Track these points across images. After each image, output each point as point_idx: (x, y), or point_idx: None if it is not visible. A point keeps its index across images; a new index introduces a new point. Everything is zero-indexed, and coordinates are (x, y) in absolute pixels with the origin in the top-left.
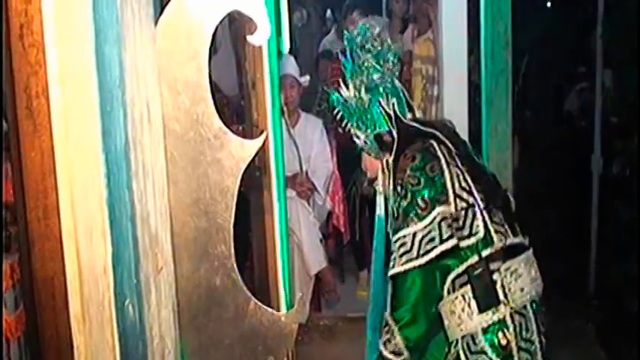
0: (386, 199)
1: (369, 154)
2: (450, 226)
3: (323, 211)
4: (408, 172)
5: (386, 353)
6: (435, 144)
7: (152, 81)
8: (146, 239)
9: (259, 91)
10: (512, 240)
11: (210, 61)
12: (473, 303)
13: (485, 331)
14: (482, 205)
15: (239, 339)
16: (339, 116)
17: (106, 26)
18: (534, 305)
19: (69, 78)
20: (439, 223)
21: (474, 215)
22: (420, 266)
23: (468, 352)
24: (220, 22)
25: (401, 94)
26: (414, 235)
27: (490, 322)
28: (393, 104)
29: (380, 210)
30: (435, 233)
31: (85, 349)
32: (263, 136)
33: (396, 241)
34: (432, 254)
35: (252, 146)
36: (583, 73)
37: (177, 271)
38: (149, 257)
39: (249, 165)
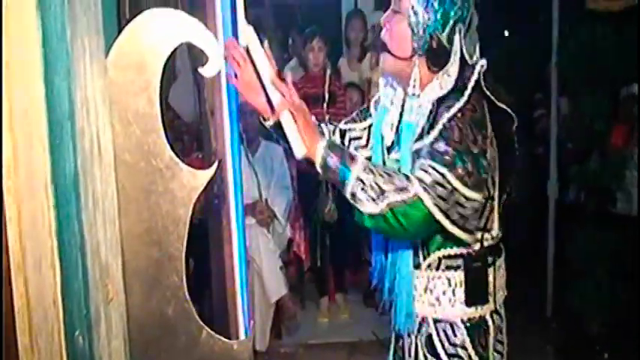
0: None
1: (413, 31)
2: (479, 217)
3: (283, 238)
4: (467, 120)
5: (353, 179)
6: (487, 113)
7: (103, 112)
8: (96, 270)
9: (217, 119)
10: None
11: (170, 87)
12: (459, 291)
13: (465, 324)
14: (497, 200)
15: None
16: None
17: (55, 59)
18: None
19: (17, 111)
20: (474, 211)
21: (492, 209)
22: (444, 227)
23: (446, 341)
24: (172, 52)
25: (469, 27)
26: (452, 191)
27: (471, 317)
28: (462, 30)
29: (411, 116)
30: (469, 215)
31: None
32: (214, 166)
33: (433, 169)
34: (457, 232)
35: (203, 176)
36: (540, 100)
37: (128, 301)
38: (99, 288)
39: (207, 194)
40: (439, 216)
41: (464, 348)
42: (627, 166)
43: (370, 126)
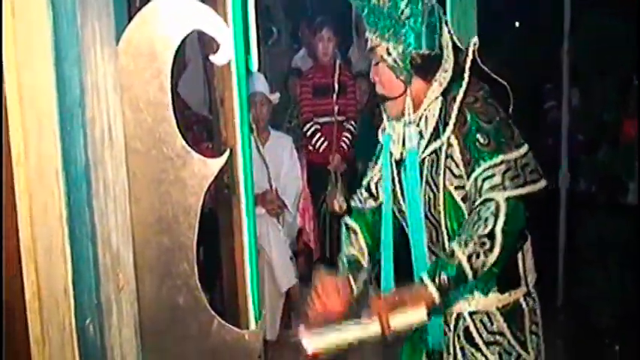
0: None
1: (395, 73)
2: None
3: (293, 228)
4: (481, 100)
5: (466, 265)
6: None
7: (114, 100)
8: (107, 258)
9: (227, 109)
10: None
11: (180, 78)
12: (491, 280)
13: (501, 311)
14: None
15: (202, 357)
16: (365, 14)
17: (66, 46)
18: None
19: (28, 98)
20: (527, 163)
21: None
22: (530, 194)
23: (484, 331)
24: (183, 40)
25: (439, 15)
26: (516, 161)
27: (506, 303)
28: (437, 26)
29: (412, 143)
30: (532, 166)
31: None
32: (226, 154)
33: (490, 168)
34: (537, 186)
35: (214, 164)
36: (550, 90)
37: (139, 290)
38: (110, 276)
39: (218, 183)
40: (525, 190)
41: (502, 334)
42: (638, 156)
43: None
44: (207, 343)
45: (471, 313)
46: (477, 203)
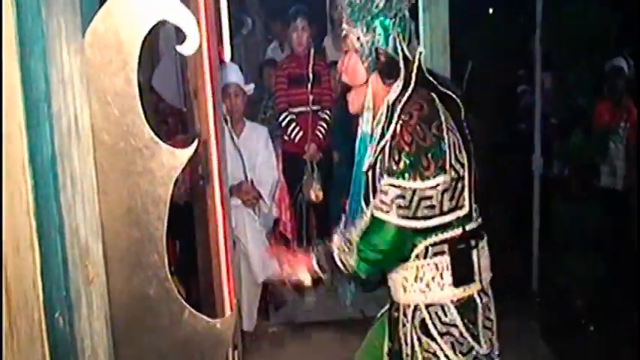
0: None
1: (361, 58)
2: (450, 199)
3: (269, 218)
4: (415, 120)
5: (336, 257)
6: (437, 101)
7: (80, 92)
8: (75, 251)
9: (201, 101)
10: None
11: (153, 71)
12: (447, 274)
13: (455, 305)
14: (467, 179)
15: (174, 347)
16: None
17: (31, 40)
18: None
19: None
20: (442, 193)
21: (462, 188)
22: (415, 229)
23: (438, 322)
24: (150, 31)
25: (408, 27)
26: (414, 192)
27: (460, 297)
28: (400, 33)
29: (366, 127)
30: (436, 202)
31: None
32: (194, 144)
33: (390, 185)
34: (431, 223)
35: (183, 155)
36: (523, 75)
37: (109, 281)
38: (79, 269)
39: (192, 175)
40: (408, 224)
41: (455, 326)
42: (612, 139)
43: None
44: (179, 333)
45: (427, 305)
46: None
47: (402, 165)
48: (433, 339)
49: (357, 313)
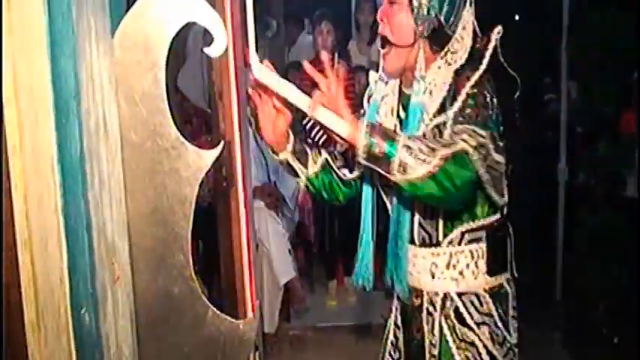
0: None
1: (415, 16)
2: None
3: (292, 221)
4: (487, 90)
5: (400, 148)
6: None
7: (109, 92)
8: (102, 249)
9: (226, 102)
10: None
11: (179, 71)
12: (482, 263)
13: (489, 293)
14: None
15: (197, 347)
16: None
17: (61, 39)
18: None
19: (23, 90)
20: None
21: (505, 175)
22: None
23: (474, 311)
24: (178, 33)
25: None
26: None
27: (492, 285)
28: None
29: (417, 97)
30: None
31: (40, 357)
32: (220, 146)
33: (474, 132)
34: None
35: (209, 156)
36: (549, 84)
37: (134, 280)
38: (105, 266)
39: (216, 176)
40: (484, 176)
41: (490, 315)
42: (638, 149)
43: None
44: (202, 333)
45: (459, 294)
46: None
47: (481, 121)
48: (470, 328)
49: (377, 317)
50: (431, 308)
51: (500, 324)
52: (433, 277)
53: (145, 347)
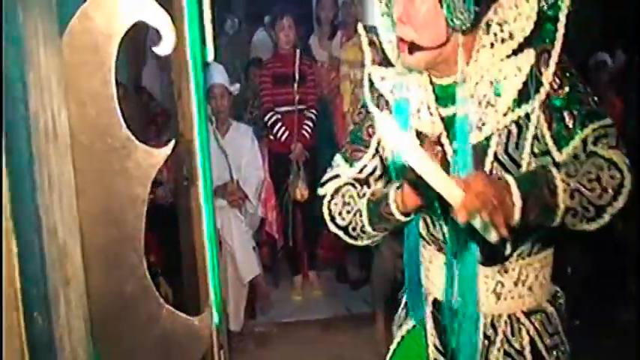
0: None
1: (452, 21)
2: None
3: (255, 218)
4: (573, 69)
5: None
6: None
7: (58, 94)
8: (54, 251)
9: (185, 101)
10: None
11: (142, 70)
12: (547, 271)
13: (553, 304)
14: None
15: (153, 345)
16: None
17: (7, 42)
18: None
19: None
20: None
21: None
22: None
23: (545, 334)
24: (127, 33)
25: None
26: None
27: (555, 291)
28: None
29: (463, 104)
30: None
31: None
32: (171, 144)
33: (606, 127)
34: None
35: (160, 154)
36: None
37: (88, 280)
38: (57, 268)
39: (177, 175)
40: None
41: (559, 334)
42: None
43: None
44: (157, 331)
45: (527, 314)
46: (588, 159)
47: (593, 106)
48: (541, 357)
49: (342, 310)
50: (492, 335)
51: (565, 339)
52: (499, 298)
53: (100, 347)
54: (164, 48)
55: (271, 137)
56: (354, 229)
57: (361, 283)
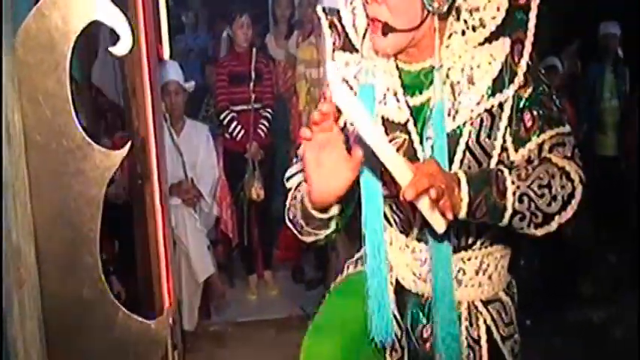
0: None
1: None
2: None
3: (210, 217)
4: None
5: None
6: None
7: (11, 93)
8: (8, 254)
9: (139, 98)
10: None
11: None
12: (506, 260)
13: (507, 294)
14: None
15: (109, 349)
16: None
17: None
18: None
19: None
20: None
21: None
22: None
23: (501, 323)
24: (82, 32)
25: None
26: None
27: (510, 281)
28: None
29: (438, 93)
30: None
31: None
32: (127, 146)
33: (563, 135)
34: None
35: (116, 156)
36: None
37: (42, 283)
38: (11, 272)
39: (131, 174)
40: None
41: (512, 323)
42: None
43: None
44: (113, 334)
45: (485, 303)
46: (541, 165)
47: (555, 112)
48: (497, 347)
49: (298, 310)
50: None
51: (517, 329)
52: (459, 284)
53: (54, 351)
54: (121, 48)
55: (227, 136)
56: (295, 224)
57: (317, 283)
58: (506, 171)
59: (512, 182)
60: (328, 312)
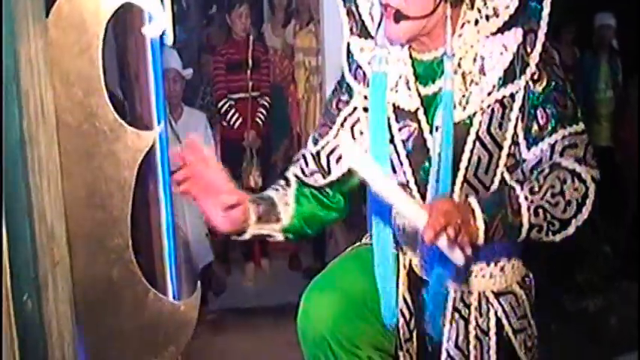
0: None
1: None
2: None
3: None
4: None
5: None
6: None
7: (45, 74)
8: (43, 234)
9: (142, 85)
10: None
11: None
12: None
13: (521, 286)
14: None
15: (139, 330)
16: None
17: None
18: None
19: None
20: None
21: None
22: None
23: (513, 316)
24: (114, 13)
25: None
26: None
27: (525, 274)
28: None
29: (448, 82)
30: None
31: None
32: (161, 126)
33: (575, 135)
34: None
35: (148, 137)
36: None
37: (73, 265)
38: (46, 252)
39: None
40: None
41: (525, 316)
42: None
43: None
44: (143, 316)
45: (497, 295)
46: (552, 172)
47: (569, 109)
48: (508, 338)
49: (295, 298)
50: (464, 311)
51: (533, 322)
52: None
53: (85, 332)
54: (154, 29)
55: (224, 124)
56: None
57: (314, 272)
58: (517, 187)
59: (526, 198)
60: (331, 273)
